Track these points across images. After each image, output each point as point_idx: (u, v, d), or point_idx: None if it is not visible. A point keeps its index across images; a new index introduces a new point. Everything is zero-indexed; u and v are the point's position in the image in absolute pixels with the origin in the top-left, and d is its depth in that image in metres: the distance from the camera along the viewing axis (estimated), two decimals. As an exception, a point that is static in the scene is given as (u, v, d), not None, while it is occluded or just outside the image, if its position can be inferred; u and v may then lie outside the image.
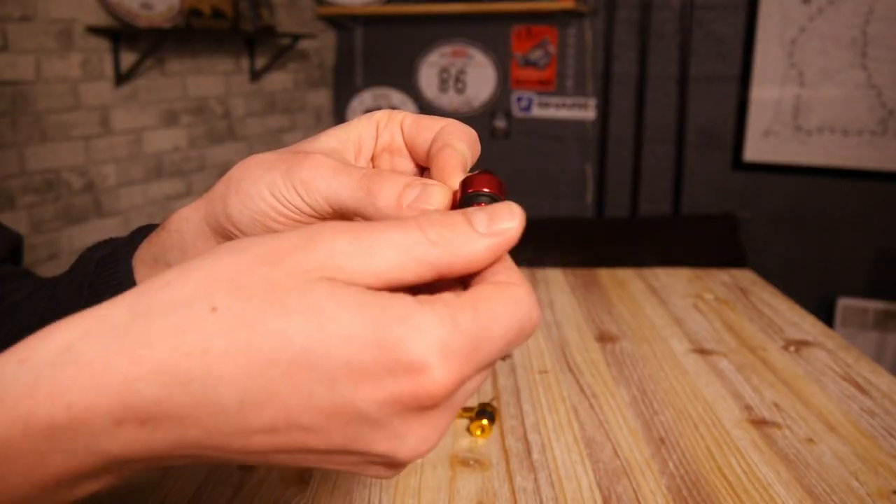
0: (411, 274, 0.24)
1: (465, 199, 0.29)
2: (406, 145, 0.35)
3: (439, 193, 0.30)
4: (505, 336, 0.24)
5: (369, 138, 0.35)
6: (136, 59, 2.08)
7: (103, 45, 2.02)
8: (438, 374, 0.22)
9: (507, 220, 0.26)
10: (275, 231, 0.32)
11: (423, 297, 0.23)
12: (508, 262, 0.26)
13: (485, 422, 0.59)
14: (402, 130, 0.35)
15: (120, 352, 0.22)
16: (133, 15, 2.00)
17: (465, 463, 0.55)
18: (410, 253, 0.24)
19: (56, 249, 1.94)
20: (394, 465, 0.25)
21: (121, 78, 2.06)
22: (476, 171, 0.30)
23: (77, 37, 1.94)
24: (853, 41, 2.27)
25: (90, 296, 0.37)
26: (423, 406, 0.23)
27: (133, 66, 2.06)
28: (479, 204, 0.28)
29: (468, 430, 0.59)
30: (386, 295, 0.23)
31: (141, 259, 0.38)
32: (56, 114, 1.91)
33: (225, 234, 0.34)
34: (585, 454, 0.56)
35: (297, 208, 0.32)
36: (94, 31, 1.97)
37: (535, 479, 0.53)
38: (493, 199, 0.29)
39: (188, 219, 0.35)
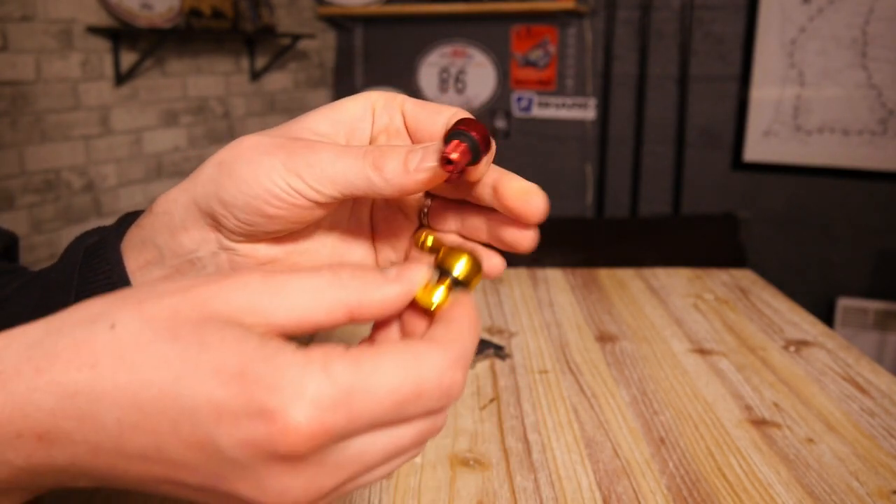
0: (323, 312, 0.25)
1: (448, 134, 0.29)
2: (408, 128, 0.34)
3: (437, 150, 0.30)
4: (392, 394, 0.23)
5: (364, 120, 0.35)
6: (136, 59, 2.08)
7: (103, 45, 2.02)
8: (293, 421, 0.21)
9: (416, 273, 0.27)
10: (270, 215, 0.32)
11: (310, 347, 0.23)
12: (454, 322, 0.26)
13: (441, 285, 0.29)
14: (402, 113, 0.34)
15: (28, 363, 0.23)
16: (133, 15, 2.00)
17: (465, 463, 0.55)
18: (322, 293, 0.25)
19: (56, 249, 1.94)
20: None
21: (121, 78, 2.06)
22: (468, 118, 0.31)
23: (77, 37, 1.94)
24: (853, 41, 2.27)
25: (80, 283, 0.37)
26: (281, 454, 0.22)
27: (133, 66, 2.06)
28: (458, 140, 0.29)
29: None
30: (270, 339, 0.23)
31: (130, 243, 0.37)
32: (56, 114, 1.91)
33: (214, 216, 0.33)
34: (585, 454, 0.56)
35: (300, 193, 0.31)
36: (94, 31, 1.97)
37: (535, 479, 0.53)
38: (472, 140, 0.29)
39: (176, 200, 0.35)
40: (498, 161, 0.31)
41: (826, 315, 2.41)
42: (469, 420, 0.61)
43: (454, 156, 0.28)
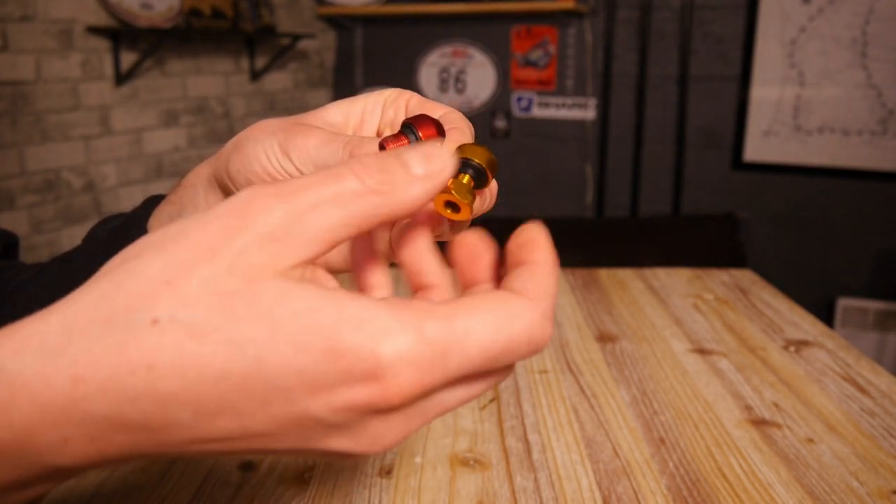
0: (355, 229, 0.23)
1: (402, 125, 0.30)
2: None
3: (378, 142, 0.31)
4: (485, 351, 0.23)
5: (374, 113, 0.36)
6: (136, 59, 2.08)
7: (103, 45, 2.02)
8: (395, 383, 0.21)
9: (441, 161, 0.25)
10: None
11: (392, 301, 0.22)
12: (541, 268, 0.25)
13: (465, 181, 0.29)
14: (406, 109, 0.36)
15: (59, 371, 0.21)
16: (133, 15, 2.00)
17: (465, 463, 0.55)
18: (350, 208, 0.23)
19: (56, 249, 1.94)
20: (351, 457, 0.24)
21: (121, 78, 2.06)
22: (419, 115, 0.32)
23: (77, 37, 1.94)
24: (853, 41, 2.27)
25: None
26: (380, 411, 0.22)
27: (133, 66, 2.06)
28: (402, 135, 0.29)
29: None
30: (343, 296, 0.22)
31: (157, 221, 0.40)
32: (56, 114, 1.91)
33: (227, 190, 0.36)
34: (585, 454, 0.56)
35: (288, 174, 0.33)
36: (94, 31, 1.97)
37: (535, 479, 0.53)
38: (417, 138, 0.30)
39: (201, 174, 0.37)
40: (499, 161, 0.31)
41: (826, 315, 2.41)
42: (469, 420, 0.61)
43: (390, 147, 0.30)
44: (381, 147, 0.29)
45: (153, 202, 0.41)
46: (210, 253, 0.22)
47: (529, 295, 0.24)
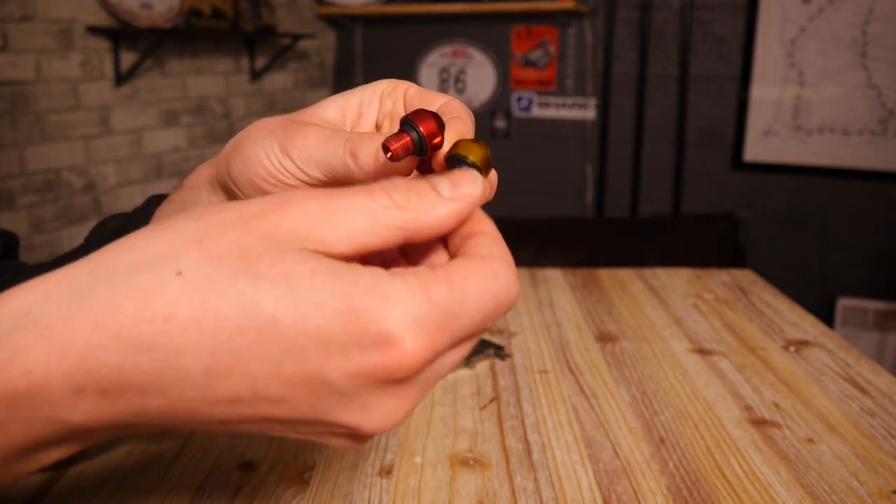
0: (381, 239, 0.24)
1: (401, 122, 0.30)
2: (406, 112, 0.36)
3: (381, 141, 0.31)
4: (481, 310, 0.24)
5: (371, 106, 0.36)
6: (136, 59, 2.08)
7: (103, 45, 2.02)
8: (408, 347, 0.22)
9: (469, 186, 0.26)
10: (267, 191, 0.33)
11: (396, 270, 0.23)
12: (493, 235, 0.27)
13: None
14: (404, 99, 0.36)
15: (81, 315, 0.21)
16: (133, 15, 2.00)
17: (465, 463, 0.55)
18: (379, 217, 0.24)
19: (56, 249, 1.94)
20: (358, 437, 0.24)
21: (121, 78, 2.06)
22: (421, 110, 0.31)
23: (77, 37, 1.94)
24: (853, 41, 2.27)
25: None
26: (393, 379, 0.22)
27: (133, 66, 2.06)
28: (403, 133, 0.29)
29: None
30: (359, 266, 0.23)
31: (160, 220, 0.39)
32: (56, 114, 1.91)
33: (229, 192, 0.35)
34: (585, 454, 0.56)
35: (290, 173, 0.33)
36: (94, 31, 1.97)
37: (535, 479, 0.53)
38: (420, 135, 0.30)
39: (202, 176, 0.37)
40: (498, 161, 0.31)
41: (826, 315, 2.41)
42: (469, 420, 0.61)
43: (394, 147, 0.29)
44: (385, 147, 0.29)
45: (154, 202, 0.41)
46: (243, 222, 0.23)
47: (501, 257, 0.25)
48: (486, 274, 0.24)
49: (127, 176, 2.15)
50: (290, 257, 0.22)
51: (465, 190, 0.26)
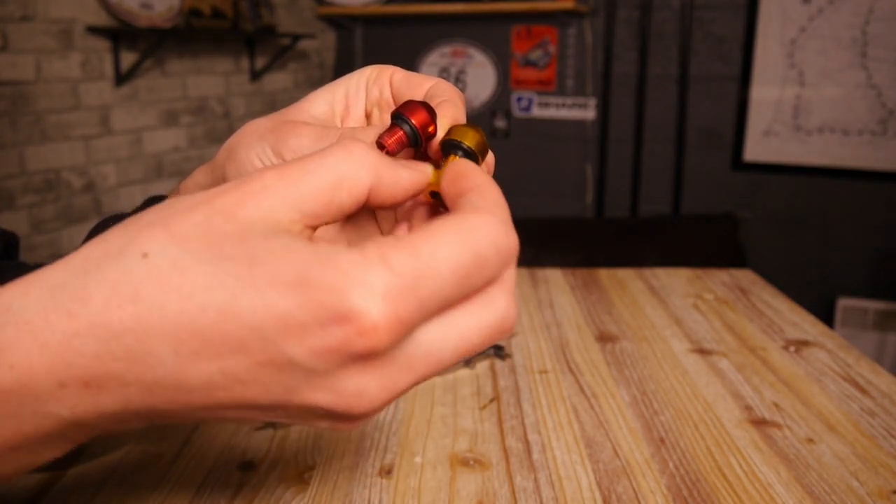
0: (347, 194, 0.25)
1: (393, 116, 0.30)
2: (394, 99, 0.35)
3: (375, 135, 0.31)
4: (456, 269, 0.22)
5: (358, 96, 0.36)
6: (136, 59, 2.08)
7: (103, 45, 2.02)
8: (369, 319, 0.21)
9: (424, 164, 0.27)
10: None
11: (360, 244, 0.22)
12: (482, 189, 0.26)
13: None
14: (390, 85, 0.35)
15: (57, 308, 0.22)
16: (133, 15, 2.00)
17: (465, 463, 0.55)
18: (341, 170, 0.24)
19: (56, 249, 1.94)
20: (337, 417, 0.23)
21: (121, 78, 2.06)
22: (415, 101, 0.31)
23: (77, 37, 1.94)
24: (853, 41, 2.27)
25: None
26: (358, 354, 0.21)
27: (133, 66, 2.06)
28: (396, 127, 0.30)
29: None
30: (320, 242, 0.22)
31: None
32: (56, 114, 1.91)
33: None
34: (585, 454, 0.56)
35: None
36: (94, 31, 1.97)
37: (535, 479, 0.53)
38: (413, 127, 0.30)
39: (198, 184, 0.37)
40: (498, 161, 0.31)
41: (826, 315, 2.41)
42: (469, 420, 0.61)
43: (388, 143, 0.29)
44: (379, 144, 0.29)
45: (153, 202, 0.41)
46: (207, 203, 0.23)
47: (484, 209, 0.24)
48: (460, 230, 0.23)
49: (127, 176, 2.15)
50: (255, 237, 0.22)
51: (421, 165, 0.27)
